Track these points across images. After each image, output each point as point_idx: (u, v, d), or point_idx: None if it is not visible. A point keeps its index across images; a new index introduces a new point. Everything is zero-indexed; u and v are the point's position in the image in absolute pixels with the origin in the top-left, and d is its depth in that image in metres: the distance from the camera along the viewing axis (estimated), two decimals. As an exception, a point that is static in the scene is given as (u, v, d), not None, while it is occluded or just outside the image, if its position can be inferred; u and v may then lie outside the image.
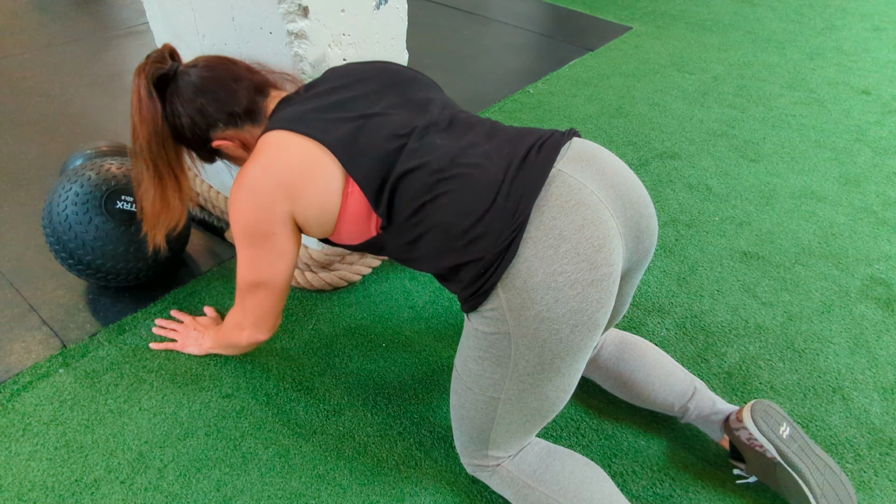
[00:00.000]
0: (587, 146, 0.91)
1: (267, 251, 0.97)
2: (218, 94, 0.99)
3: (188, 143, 1.05)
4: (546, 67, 2.67)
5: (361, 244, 0.98)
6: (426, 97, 0.99)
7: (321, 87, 0.99)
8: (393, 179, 0.88)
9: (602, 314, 0.83)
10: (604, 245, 0.82)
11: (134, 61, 2.52)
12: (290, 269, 1.01)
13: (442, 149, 0.89)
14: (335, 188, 0.91)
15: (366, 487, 1.10)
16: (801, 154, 2.12)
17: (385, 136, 0.91)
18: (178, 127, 1.01)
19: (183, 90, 0.99)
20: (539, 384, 0.87)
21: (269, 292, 1.02)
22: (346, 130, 0.91)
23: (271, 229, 0.94)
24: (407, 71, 1.05)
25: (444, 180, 0.86)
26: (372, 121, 0.92)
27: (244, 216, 0.94)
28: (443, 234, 0.87)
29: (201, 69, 1.01)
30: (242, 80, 1.02)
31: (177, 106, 1.00)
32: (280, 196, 0.91)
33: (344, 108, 0.94)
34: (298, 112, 0.95)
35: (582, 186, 0.85)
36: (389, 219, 0.91)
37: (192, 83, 0.99)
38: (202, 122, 1.00)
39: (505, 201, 0.83)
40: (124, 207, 1.30)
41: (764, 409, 1.05)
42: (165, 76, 1.00)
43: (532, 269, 0.81)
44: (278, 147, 0.92)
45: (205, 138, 1.03)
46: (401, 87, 0.99)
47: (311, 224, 0.96)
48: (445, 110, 0.97)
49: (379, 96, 0.97)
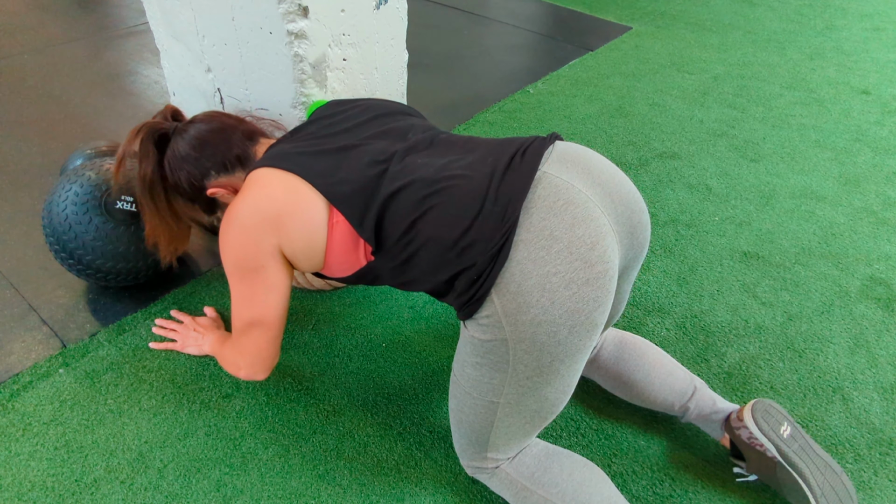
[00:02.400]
0: (570, 147, 0.92)
1: (258, 285, 0.98)
2: (212, 145, 1.06)
3: (187, 195, 1.11)
4: (546, 67, 2.67)
5: (353, 275, 0.99)
6: (406, 124, 1.01)
7: (307, 129, 1.04)
8: (379, 203, 0.89)
9: (600, 313, 0.83)
10: (597, 242, 0.82)
11: (134, 61, 2.52)
12: (282, 304, 1.02)
13: (425, 167, 0.91)
14: (320, 219, 0.93)
15: (366, 487, 1.10)
16: (801, 154, 2.12)
17: (365, 163, 0.93)
18: (176, 180, 1.09)
19: (180, 146, 1.07)
20: (538, 387, 0.87)
21: (264, 329, 1.02)
22: (326, 163, 0.94)
23: (261, 262, 0.96)
24: (392, 104, 1.08)
25: (431, 195, 0.87)
26: (352, 151, 0.95)
27: (233, 251, 0.97)
28: (435, 249, 0.87)
29: (198, 124, 1.08)
30: (235, 131, 1.09)
31: (173, 162, 1.07)
32: (267, 229, 0.94)
33: (325, 143, 0.98)
34: (283, 151, 0.98)
35: (569, 186, 0.85)
36: (379, 243, 0.92)
37: (189, 138, 1.06)
38: (197, 173, 1.07)
39: (493, 206, 0.83)
40: (124, 207, 1.30)
41: (765, 409, 1.05)
42: (165, 135, 1.09)
43: (525, 272, 0.80)
44: (263, 183, 0.95)
45: (200, 187, 1.08)
46: (382, 118, 1.03)
47: (299, 256, 0.97)
48: (426, 132, 0.99)
49: (360, 129, 1.00)
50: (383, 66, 1.41)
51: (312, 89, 1.27)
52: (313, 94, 1.28)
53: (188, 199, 1.11)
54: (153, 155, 1.07)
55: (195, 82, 1.51)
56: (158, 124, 1.08)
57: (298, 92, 1.26)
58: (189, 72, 1.50)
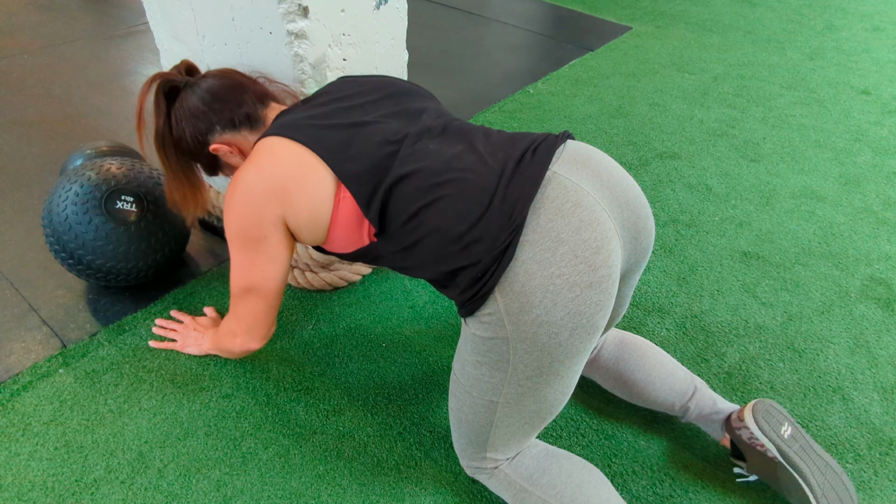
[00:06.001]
0: (581, 148, 0.91)
1: (259, 255, 0.98)
2: (222, 101, 1.03)
3: (190, 152, 1.08)
4: (546, 67, 2.67)
5: (354, 253, 0.98)
6: (420, 107, 1.00)
7: (319, 98, 1.02)
8: (386, 186, 0.88)
9: (601, 316, 0.83)
10: (602, 247, 0.82)
11: (134, 61, 2.52)
12: (281, 275, 1.02)
13: (435, 154, 0.90)
14: (326, 193, 0.92)
15: (366, 487, 1.10)
16: (801, 154, 2.12)
17: (377, 142, 0.92)
18: (180, 135, 1.05)
19: (188, 100, 1.04)
20: (538, 388, 0.87)
21: (260, 298, 1.02)
22: (338, 138, 0.92)
23: (263, 232, 0.96)
24: (404, 83, 1.06)
25: (440, 185, 0.86)
26: (365, 129, 0.94)
27: (237, 218, 0.96)
28: (439, 240, 0.86)
29: (210, 79, 1.05)
30: (247, 90, 1.06)
31: (179, 114, 1.04)
32: (272, 199, 0.93)
33: (338, 117, 0.96)
34: (294, 120, 0.97)
35: (578, 188, 0.84)
36: (383, 226, 0.91)
37: (200, 91, 1.04)
38: (202, 127, 1.04)
39: (501, 204, 0.83)
40: (124, 207, 1.30)
41: (766, 409, 1.05)
42: (176, 87, 1.06)
43: (529, 273, 0.80)
44: (272, 152, 0.94)
45: (204, 142, 1.05)
46: (396, 97, 1.01)
47: (303, 229, 0.96)
48: (439, 119, 0.97)
49: (374, 106, 0.98)
50: (383, 66, 1.41)
51: (312, 89, 1.27)
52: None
53: (190, 155, 1.08)
54: (164, 107, 1.05)
55: (195, 82, 1.51)
56: (171, 76, 1.06)
57: (298, 92, 1.26)
58: (189, 72, 1.50)
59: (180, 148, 1.07)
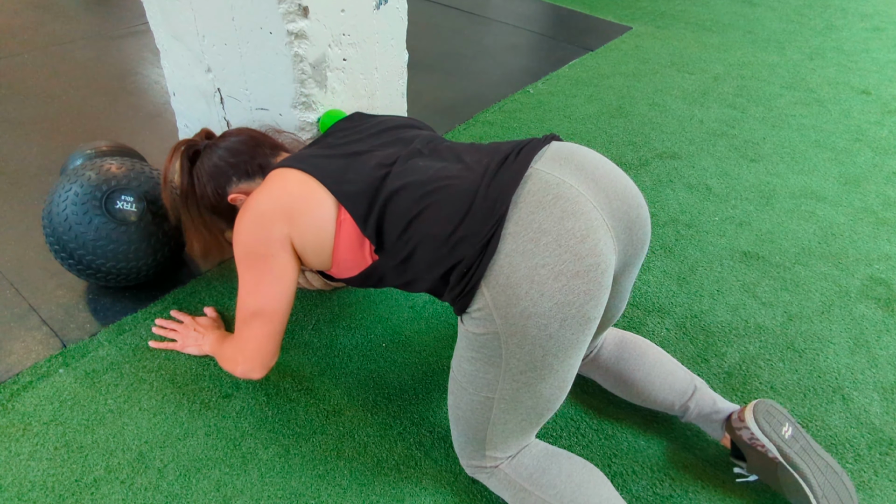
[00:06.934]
0: (565, 146, 0.94)
1: (265, 273, 1.01)
2: (241, 153, 1.13)
3: (212, 206, 1.16)
4: (546, 67, 2.67)
5: (360, 275, 1.02)
6: (414, 135, 1.07)
7: (325, 140, 1.11)
8: (381, 202, 0.93)
9: (592, 306, 0.83)
10: (587, 235, 0.83)
11: (134, 61, 2.52)
12: (287, 297, 1.03)
13: (424, 169, 0.95)
14: (329, 216, 0.97)
15: (366, 487, 1.10)
16: (801, 154, 2.12)
17: (372, 167, 0.98)
18: (202, 191, 1.14)
19: (209, 159, 1.13)
20: (533, 383, 0.87)
21: (266, 321, 1.03)
22: (337, 165, 1.00)
23: (270, 251, 1.00)
24: (405, 119, 1.15)
25: (428, 194, 0.91)
26: (361, 156, 1.02)
27: (245, 237, 1.01)
28: (430, 245, 0.89)
29: (228, 139, 1.15)
30: (260, 143, 1.16)
31: (201, 172, 1.14)
32: (280, 218, 0.98)
33: (338, 149, 1.05)
34: (300, 155, 1.05)
35: (560, 181, 0.86)
36: (381, 241, 0.95)
37: (219, 151, 1.13)
38: (222, 181, 1.13)
39: (483, 202, 0.86)
40: (124, 207, 1.30)
41: (766, 409, 1.05)
42: (197, 151, 1.16)
43: (514, 265, 0.81)
44: (280, 178, 1.01)
45: (223, 194, 1.14)
46: (394, 130, 1.10)
47: (308, 251, 1.01)
48: (430, 143, 1.04)
49: (373, 139, 1.07)
50: (383, 66, 1.41)
51: (312, 89, 1.27)
52: (313, 94, 1.28)
53: (212, 208, 1.16)
54: (187, 168, 1.14)
55: (195, 82, 1.51)
56: (193, 142, 1.16)
57: (298, 92, 1.26)
58: (189, 72, 1.50)
59: (203, 203, 1.15)
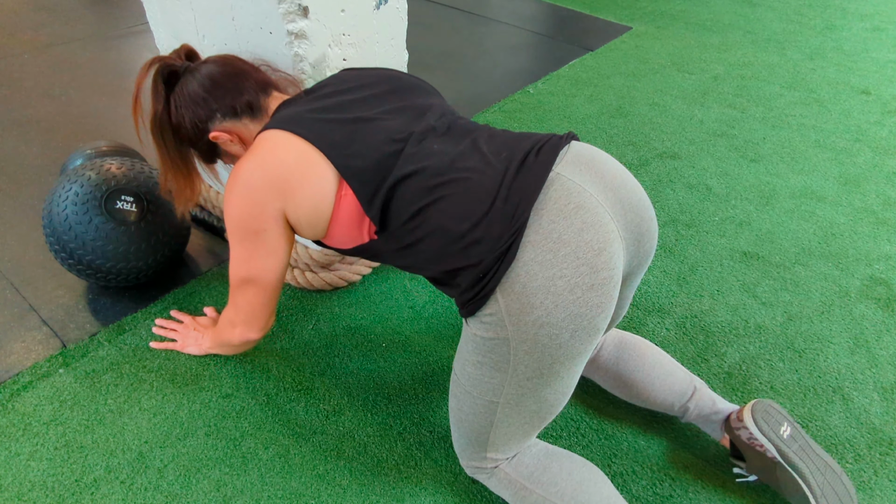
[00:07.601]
0: (586, 149, 0.91)
1: (258, 247, 0.98)
2: (224, 88, 1.02)
3: (188, 139, 1.06)
4: (546, 67, 2.67)
5: (353, 249, 0.98)
6: (425, 103, 0.99)
7: (322, 90, 1.01)
8: (389, 184, 0.88)
9: (602, 318, 0.83)
10: (604, 248, 0.82)
11: (134, 61, 2.52)
12: (281, 268, 1.01)
13: (439, 154, 0.89)
14: (328, 190, 0.91)
15: (366, 487, 1.10)
16: (801, 154, 2.12)
17: (381, 140, 0.91)
18: (179, 122, 1.04)
19: (189, 85, 1.02)
20: (538, 388, 0.87)
21: (259, 289, 1.02)
22: (341, 133, 0.92)
23: (263, 226, 0.95)
24: (409, 78, 1.05)
25: (443, 185, 0.86)
26: (368, 125, 0.93)
27: (237, 210, 0.95)
28: (441, 239, 0.86)
29: (211, 65, 1.03)
30: (249, 77, 1.04)
31: (178, 100, 1.02)
32: (273, 193, 0.92)
33: (341, 111, 0.95)
34: (296, 113, 0.96)
35: (581, 190, 0.84)
36: (384, 224, 0.91)
37: (200, 78, 1.02)
38: (202, 114, 1.02)
39: (503, 205, 0.83)
40: (124, 207, 1.30)
41: (765, 409, 1.05)
42: (175, 72, 1.03)
43: (531, 274, 0.80)
44: (274, 145, 0.93)
45: (203, 129, 1.04)
46: (400, 93, 1.00)
47: (303, 224, 0.96)
48: (444, 117, 0.97)
49: (378, 101, 0.97)
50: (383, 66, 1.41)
51: (312, 89, 1.27)
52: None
53: (189, 142, 1.07)
54: (162, 92, 1.03)
55: (195, 82, 1.50)
56: (170, 61, 1.04)
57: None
58: (189, 72, 1.50)
59: (179, 134, 1.05)
